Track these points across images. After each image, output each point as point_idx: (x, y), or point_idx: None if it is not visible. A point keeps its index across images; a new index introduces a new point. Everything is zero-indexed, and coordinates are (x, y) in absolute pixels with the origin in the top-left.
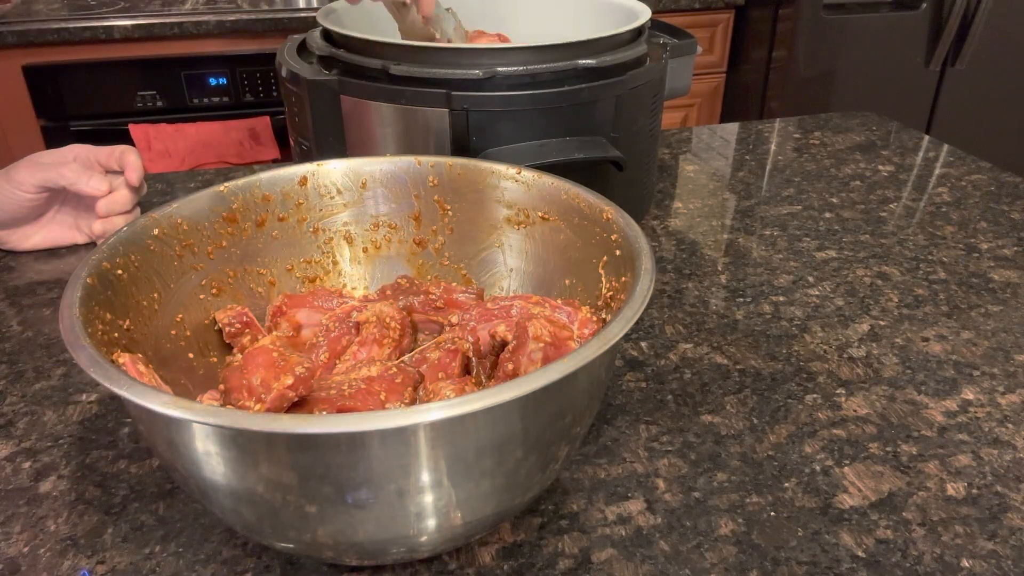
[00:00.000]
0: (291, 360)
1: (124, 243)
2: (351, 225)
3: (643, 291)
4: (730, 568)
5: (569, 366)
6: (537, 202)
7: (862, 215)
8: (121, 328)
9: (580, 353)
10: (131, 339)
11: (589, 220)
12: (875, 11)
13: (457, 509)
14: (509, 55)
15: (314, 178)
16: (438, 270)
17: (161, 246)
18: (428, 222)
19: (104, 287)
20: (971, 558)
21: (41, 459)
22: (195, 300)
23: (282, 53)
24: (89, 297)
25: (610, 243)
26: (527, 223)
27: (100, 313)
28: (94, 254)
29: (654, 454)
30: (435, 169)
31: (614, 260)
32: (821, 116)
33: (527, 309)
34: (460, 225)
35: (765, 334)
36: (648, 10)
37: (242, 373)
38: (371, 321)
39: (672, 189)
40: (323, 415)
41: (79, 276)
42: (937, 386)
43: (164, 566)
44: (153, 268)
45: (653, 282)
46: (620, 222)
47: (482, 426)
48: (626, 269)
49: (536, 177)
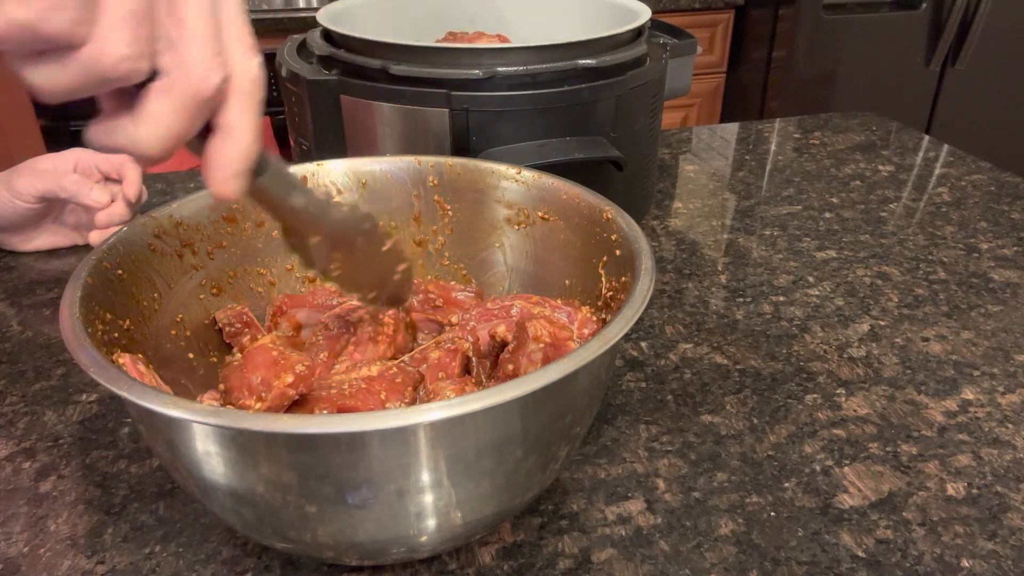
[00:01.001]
0: (291, 359)
1: (124, 243)
2: None
3: (643, 291)
4: (730, 568)
5: (569, 366)
6: (537, 202)
7: (862, 215)
8: (121, 328)
9: (580, 353)
10: (131, 339)
11: (589, 220)
12: (875, 11)
13: (457, 509)
14: (509, 55)
15: (314, 178)
16: (438, 270)
17: (161, 246)
18: (428, 222)
19: (104, 287)
20: (971, 558)
21: (41, 459)
22: (195, 300)
23: (282, 53)
24: (89, 297)
25: (610, 243)
26: (527, 223)
27: (100, 313)
28: (94, 254)
29: (654, 454)
30: (435, 169)
31: (614, 260)
32: (821, 116)
33: (527, 309)
34: (460, 225)
35: (765, 334)
36: (648, 10)
37: (242, 372)
38: (364, 320)
39: (672, 189)
40: (323, 415)
41: (79, 276)
42: (937, 386)
43: (164, 566)
44: (153, 268)
45: (653, 282)
46: (620, 222)
47: (482, 426)
48: (626, 269)
49: (536, 177)
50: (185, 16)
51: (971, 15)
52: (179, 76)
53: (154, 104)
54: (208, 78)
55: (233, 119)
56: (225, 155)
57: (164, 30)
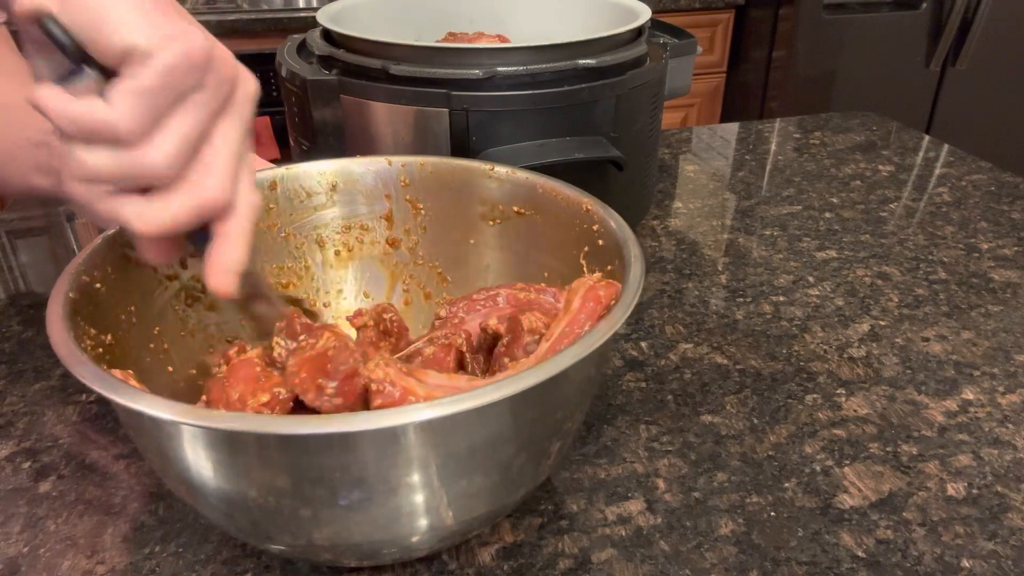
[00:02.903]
0: (273, 379)
1: (100, 255)
2: (322, 228)
3: (636, 278)
4: (730, 568)
5: (563, 362)
6: (512, 197)
7: (862, 215)
8: (105, 344)
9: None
10: (114, 355)
11: (567, 212)
12: (875, 11)
13: (449, 507)
14: (509, 55)
15: (283, 182)
16: (412, 270)
17: (136, 256)
18: (400, 222)
19: (87, 301)
20: (971, 558)
21: (41, 459)
22: (171, 311)
23: (282, 53)
24: (75, 312)
25: (591, 233)
26: (502, 218)
27: (86, 328)
28: (72, 267)
29: (654, 454)
30: (406, 169)
31: (597, 250)
32: (821, 116)
33: (513, 295)
34: (433, 224)
35: (765, 334)
36: (648, 10)
37: (223, 385)
38: (368, 325)
39: (672, 189)
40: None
41: (61, 290)
42: (937, 386)
43: (164, 566)
44: (129, 280)
45: (644, 269)
46: (601, 212)
47: (473, 424)
48: (613, 257)
49: (510, 173)
50: (220, 149)
51: (971, 15)
52: (201, 183)
53: (172, 194)
54: (222, 193)
55: (233, 230)
56: (224, 257)
57: (204, 153)
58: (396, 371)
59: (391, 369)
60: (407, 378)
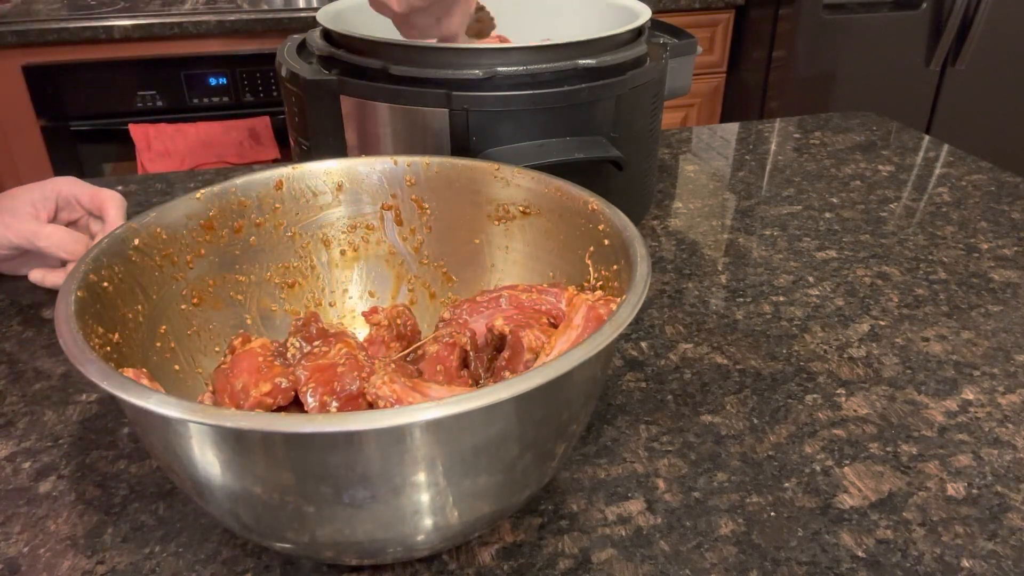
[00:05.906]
0: (275, 369)
1: (107, 254)
2: (327, 228)
3: (642, 278)
4: (730, 568)
5: (568, 363)
6: (517, 197)
7: (862, 215)
8: (112, 342)
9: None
10: (121, 353)
11: (572, 212)
12: (875, 11)
13: (454, 507)
14: (509, 55)
15: (289, 182)
16: (417, 269)
17: (142, 256)
18: (406, 222)
19: (94, 300)
20: (971, 558)
21: (41, 459)
22: (177, 311)
23: (282, 53)
24: (82, 310)
25: (597, 233)
26: (507, 218)
27: (93, 327)
28: (80, 266)
29: (654, 454)
30: (412, 168)
31: (602, 249)
32: (821, 116)
33: (516, 297)
34: (439, 223)
35: (765, 334)
36: (648, 10)
37: (227, 376)
38: (382, 324)
39: (672, 189)
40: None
41: (69, 289)
42: (937, 386)
43: (164, 566)
44: (135, 279)
45: (650, 268)
46: (607, 212)
47: (478, 425)
48: (618, 257)
49: (516, 172)
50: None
51: (971, 15)
52: None
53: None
54: None
55: None
56: None
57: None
58: (401, 386)
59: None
60: (412, 392)
